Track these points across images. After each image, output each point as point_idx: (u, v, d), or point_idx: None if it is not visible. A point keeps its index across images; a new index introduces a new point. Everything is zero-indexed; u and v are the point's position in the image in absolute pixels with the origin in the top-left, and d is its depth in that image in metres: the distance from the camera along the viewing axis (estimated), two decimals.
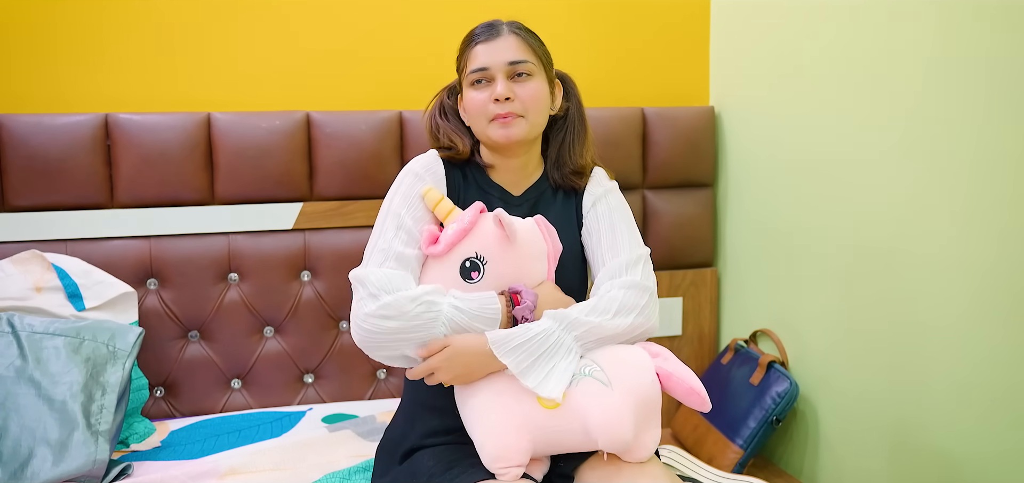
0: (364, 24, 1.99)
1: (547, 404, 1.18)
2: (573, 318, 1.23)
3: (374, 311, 1.19)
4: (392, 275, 1.23)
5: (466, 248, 1.25)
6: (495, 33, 1.37)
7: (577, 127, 1.45)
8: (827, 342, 1.81)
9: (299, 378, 1.93)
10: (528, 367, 1.18)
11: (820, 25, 1.78)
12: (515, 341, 1.19)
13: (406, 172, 1.37)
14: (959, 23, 1.44)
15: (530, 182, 1.44)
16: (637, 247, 1.36)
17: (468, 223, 1.25)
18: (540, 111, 1.38)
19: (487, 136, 1.37)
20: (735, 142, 2.12)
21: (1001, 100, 1.37)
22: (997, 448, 1.42)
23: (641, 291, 1.30)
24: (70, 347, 1.53)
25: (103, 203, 1.81)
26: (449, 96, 1.48)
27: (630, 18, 2.16)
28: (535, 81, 1.36)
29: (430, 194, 1.30)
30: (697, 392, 1.22)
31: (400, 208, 1.31)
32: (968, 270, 1.45)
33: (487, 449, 1.18)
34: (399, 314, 1.19)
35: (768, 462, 2.00)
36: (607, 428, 1.15)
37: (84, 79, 1.85)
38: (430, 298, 1.20)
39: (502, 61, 1.34)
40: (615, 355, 1.23)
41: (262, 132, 1.86)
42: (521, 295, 1.24)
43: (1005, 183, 1.37)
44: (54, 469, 1.41)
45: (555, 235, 1.33)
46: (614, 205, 1.41)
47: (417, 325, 1.19)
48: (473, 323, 1.21)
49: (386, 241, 1.28)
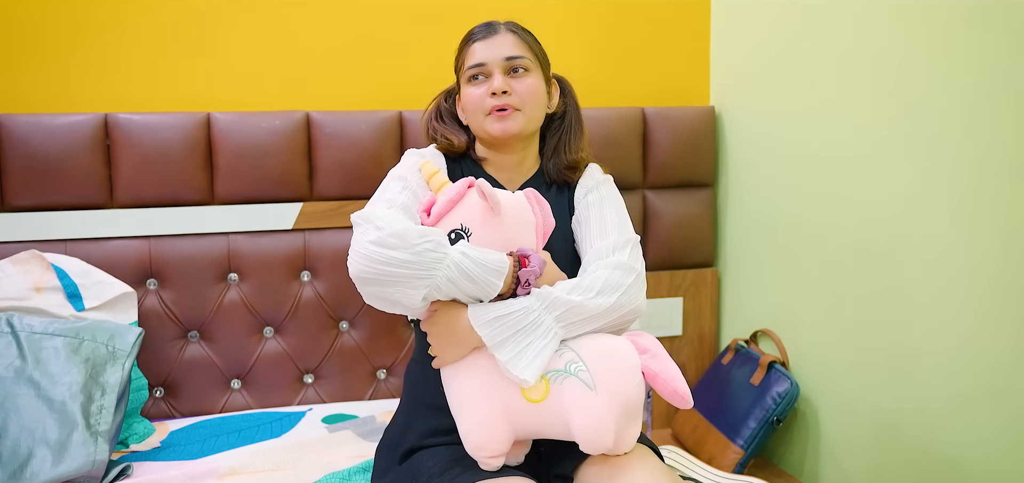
0: (364, 24, 1.99)
1: (531, 398, 1.17)
2: (555, 297, 1.21)
3: (378, 239, 1.13)
4: (399, 214, 1.23)
5: (452, 220, 1.24)
6: (492, 31, 1.40)
7: (573, 126, 1.48)
8: (828, 342, 1.81)
9: (299, 378, 1.93)
10: (503, 341, 1.16)
11: (821, 24, 1.78)
12: (493, 313, 1.17)
13: (408, 152, 1.43)
14: (959, 22, 1.44)
15: (525, 177, 1.46)
16: (626, 231, 1.36)
17: (455, 195, 1.24)
18: (537, 106, 1.40)
19: (484, 130, 1.39)
20: (735, 142, 2.12)
21: (1002, 99, 1.37)
22: (998, 447, 1.41)
23: (627, 271, 1.28)
24: (69, 347, 1.53)
25: (103, 203, 1.80)
26: (446, 99, 1.50)
27: (630, 18, 2.15)
28: (532, 77, 1.39)
29: (427, 166, 1.32)
30: (681, 395, 1.22)
31: (405, 172, 1.35)
32: (969, 270, 1.45)
33: (471, 439, 1.20)
34: (406, 245, 1.12)
35: (768, 462, 2.00)
36: (589, 435, 1.16)
37: (84, 79, 1.84)
38: (437, 238, 1.16)
39: (499, 56, 1.38)
40: (602, 351, 1.21)
41: (262, 132, 1.86)
42: (529, 259, 1.22)
43: (1006, 183, 1.37)
44: (53, 470, 1.40)
45: (548, 210, 1.31)
46: (605, 195, 1.43)
47: (422, 262, 1.13)
48: (479, 271, 1.16)
49: (391, 194, 1.30)
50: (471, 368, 1.21)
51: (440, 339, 1.22)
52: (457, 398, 1.22)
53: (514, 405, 1.18)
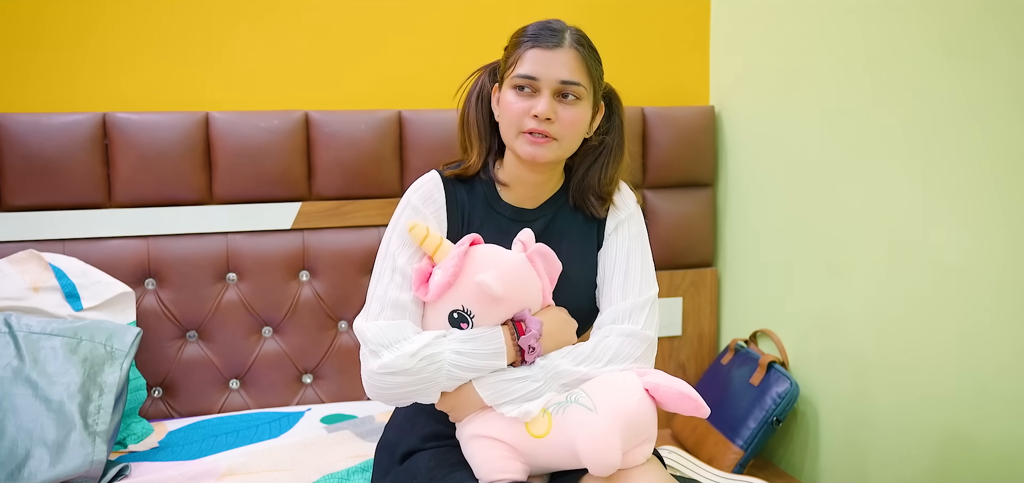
0: (363, 23, 1.98)
1: (535, 433, 1.18)
2: (561, 369, 1.22)
3: (378, 370, 1.18)
4: (388, 328, 1.20)
5: (452, 299, 1.21)
6: (556, 41, 1.26)
7: (614, 153, 1.36)
8: (828, 342, 1.81)
9: (298, 378, 1.93)
10: (506, 404, 1.20)
11: (821, 24, 1.77)
12: (498, 387, 1.20)
13: (404, 204, 1.31)
14: (960, 20, 1.43)
15: (548, 195, 1.37)
16: (647, 289, 1.32)
17: (451, 276, 1.19)
18: (575, 139, 1.30)
19: (514, 147, 1.29)
20: (735, 142, 2.12)
21: (1004, 98, 1.36)
22: (998, 446, 1.41)
23: (639, 341, 1.27)
24: (67, 347, 1.52)
25: (101, 203, 1.80)
26: (490, 78, 1.36)
27: (630, 17, 2.15)
28: (580, 106, 1.27)
29: (415, 231, 1.24)
30: (689, 397, 1.20)
31: (396, 250, 1.26)
32: (969, 269, 1.44)
33: (483, 476, 1.20)
34: (401, 371, 1.17)
35: (768, 463, 2.00)
36: (594, 453, 1.14)
37: (82, 78, 1.84)
38: (429, 352, 1.18)
39: (554, 78, 1.25)
40: (601, 379, 1.23)
41: (261, 131, 1.85)
42: (526, 323, 1.22)
43: (1009, 182, 1.37)
44: (51, 470, 1.40)
45: (552, 258, 1.27)
46: (635, 233, 1.36)
47: (423, 379, 1.18)
48: (478, 362, 1.19)
49: (383, 287, 1.24)
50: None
51: (449, 403, 1.23)
52: (465, 439, 1.24)
53: (520, 441, 1.19)
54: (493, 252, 1.24)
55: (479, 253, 1.22)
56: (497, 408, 1.20)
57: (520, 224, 1.32)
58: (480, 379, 1.21)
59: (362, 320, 1.24)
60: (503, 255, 1.23)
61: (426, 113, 1.95)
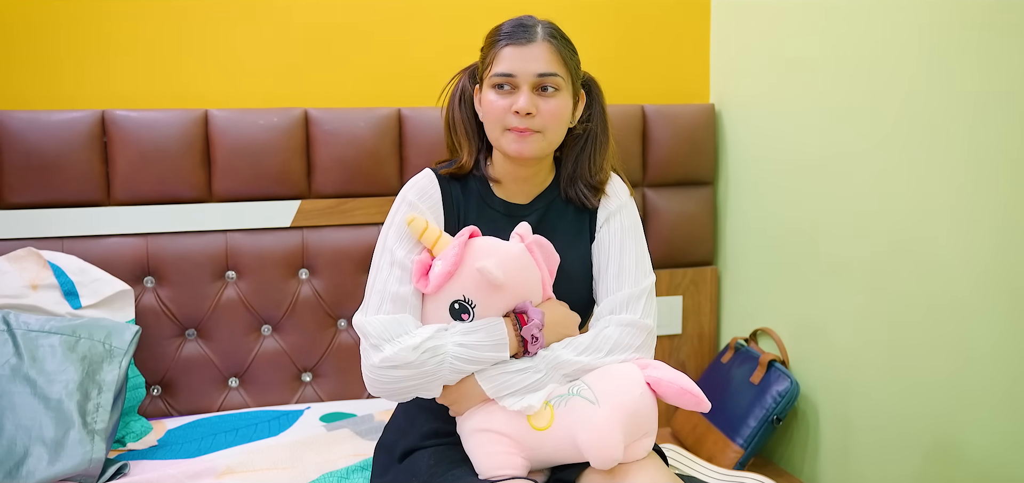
0: (362, 21, 1.98)
1: (537, 426, 1.18)
2: (562, 360, 1.23)
3: (379, 363, 1.18)
4: (389, 321, 1.20)
5: (453, 289, 1.21)
6: (528, 37, 1.28)
7: (599, 139, 1.38)
8: (828, 341, 1.80)
9: (297, 376, 1.93)
10: (509, 395, 1.20)
11: (820, 22, 1.77)
12: (500, 379, 1.20)
13: (401, 200, 1.32)
14: (958, 19, 1.43)
15: (540, 189, 1.39)
16: (643, 278, 1.32)
17: (452, 265, 1.20)
18: (559, 129, 1.31)
19: (499, 145, 1.31)
20: (735, 140, 2.11)
21: (1000, 95, 1.36)
22: (998, 446, 1.41)
23: (638, 330, 1.28)
24: (66, 345, 1.52)
25: (100, 200, 1.80)
26: (470, 80, 1.39)
27: (630, 15, 2.15)
28: (560, 97, 1.29)
29: (414, 224, 1.25)
30: (690, 392, 1.20)
31: (394, 244, 1.27)
32: (969, 269, 1.44)
33: (483, 472, 1.20)
34: (404, 364, 1.17)
35: (768, 461, 1.99)
36: (596, 447, 1.14)
37: (81, 75, 1.84)
38: (432, 344, 1.18)
39: (530, 72, 1.26)
40: (604, 371, 1.23)
41: (260, 129, 1.85)
42: (528, 314, 1.22)
43: (1004, 178, 1.36)
44: (50, 468, 1.40)
45: (549, 250, 1.29)
46: (627, 224, 1.37)
47: (425, 372, 1.18)
48: (481, 354, 1.20)
49: (382, 282, 1.25)
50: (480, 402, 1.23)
51: (451, 396, 1.23)
52: (467, 433, 1.24)
53: (522, 434, 1.19)
54: (493, 242, 1.25)
55: (479, 243, 1.23)
56: (499, 401, 1.20)
57: (513, 219, 1.34)
58: (482, 371, 1.21)
59: (361, 315, 1.24)
60: (503, 244, 1.25)
61: (425, 111, 1.95)
